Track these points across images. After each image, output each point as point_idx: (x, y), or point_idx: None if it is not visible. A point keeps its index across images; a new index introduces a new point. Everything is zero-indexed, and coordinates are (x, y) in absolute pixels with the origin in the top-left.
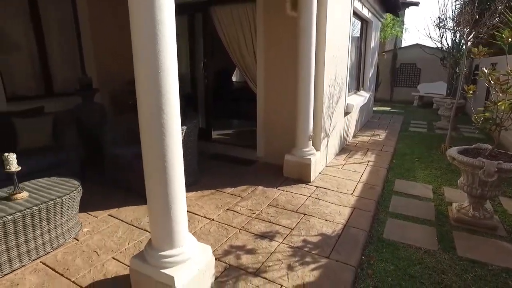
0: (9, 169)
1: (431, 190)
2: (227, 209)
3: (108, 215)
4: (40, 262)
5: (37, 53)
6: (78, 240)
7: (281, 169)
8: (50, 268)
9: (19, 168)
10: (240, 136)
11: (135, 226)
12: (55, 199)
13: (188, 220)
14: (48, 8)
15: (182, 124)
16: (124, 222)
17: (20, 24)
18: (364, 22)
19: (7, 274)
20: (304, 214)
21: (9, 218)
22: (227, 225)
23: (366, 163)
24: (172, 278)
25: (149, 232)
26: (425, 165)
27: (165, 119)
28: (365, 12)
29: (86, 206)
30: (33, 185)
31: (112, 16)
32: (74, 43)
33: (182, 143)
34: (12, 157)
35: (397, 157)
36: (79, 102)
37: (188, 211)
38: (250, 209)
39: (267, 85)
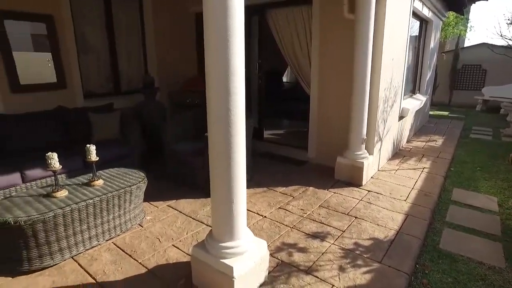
0: (90, 158)
1: (496, 203)
2: (279, 208)
3: (167, 206)
4: (112, 242)
5: (109, 55)
6: (142, 227)
7: (332, 171)
8: (120, 248)
9: (97, 159)
10: (291, 136)
11: (192, 218)
12: (125, 187)
13: None
14: (120, 15)
15: None
16: (182, 213)
17: (97, 30)
18: (424, 22)
19: (88, 249)
20: (356, 217)
21: (90, 201)
22: (279, 223)
23: (421, 169)
24: (231, 268)
25: (205, 224)
26: (489, 175)
27: (232, 119)
28: (425, 12)
29: (147, 196)
30: (106, 174)
31: (172, 23)
32: (139, 46)
33: None
34: (93, 148)
35: (456, 164)
36: (141, 99)
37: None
38: (302, 209)
39: (321, 87)
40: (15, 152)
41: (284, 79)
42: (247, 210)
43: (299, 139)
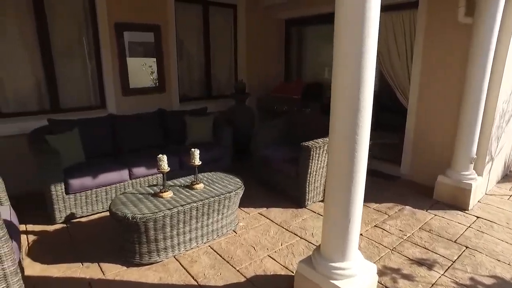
0: (194, 162)
1: None
2: (375, 226)
3: (258, 213)
4: (209, 246)
5: (203, 61)
6: (236, 233)
7: (429, 190)
8: (217, 253)
9: (200, 163)
10: (381, 148)
11: (285, 229)
12: (225, 193)
13: None
14: (216, 23)
15: None
16: (274, 222)
17: (194, 37)
18: None
19: (187, 251)
20: (466, 247)
21: (194, 205)
22: (377, 243)
23: None
24: None
25: (299, 237)
26: None
27: (358, 137)
28: None
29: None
30: (205, 177)
31: (262, 30)
32: (231, 52)
33: None
34: (197, 153)
35: None
36: (231, 104)
37: None
38: (400, 230)
39: (421, 98)
40: (124, 150)
41: None
42: None
43: (390, 153)
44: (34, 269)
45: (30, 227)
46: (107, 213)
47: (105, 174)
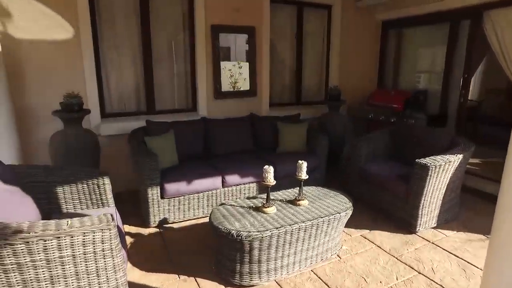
0: (300, 176)
1: None
2: None
3: (361, 235)
4: (312, 271)
5: (295, 65)
6: (340, 258)
7: None
8: (323, 281)
9: (307, 177)
10: (491, 167)
11: (397, 258)
12: (335, 214)
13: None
14: (309, 25)
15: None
16: (382, 249)
17: (287, 40)
18: None
19: (290, 275)
20: None
21: (303, 225)
22: None
23: None
24: None
25: (416, 271)
26: None
27: None
28: None
29: None
30: (308, 193)
31: (357, 33)
32: (323, 56)
33: None
34: (305, 165)
35: None
36: (322, 111)
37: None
38: None
39: None
40: (216, 155)
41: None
42: (469, 263)
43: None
44: (134, 275)
45: (127, 227)
46: (198, 221)
47: (200, 181)
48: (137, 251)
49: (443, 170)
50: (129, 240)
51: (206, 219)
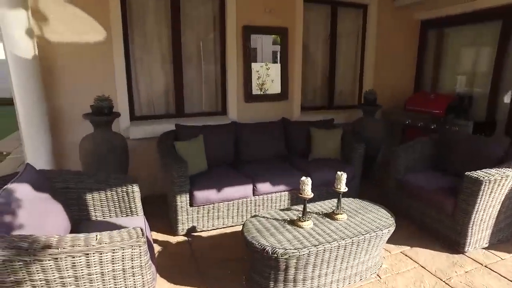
0: (339, 188)
1: None
2: None
3: (401, 252)
4: None
5: (328, 68)
6: (380, 278)
7: None
8: None
9: (346, 189)
10: None
11: (444, 282)
12: (377, 230)
13: None
14: (343, 26)
15: None
16: (426, 269)
17: (320, 42)
18: None
19: None
20: None
21: (343, 243)
22: None
23: None
24: None
25: None
26: None
27: None
28: None
29: None
30: (346, 206)
31: (393, 33)
32: (357, 59)
33: None
34: (344, 177)
35: None
36: (356, 116)
37: None
38: None
39: None
40: (245, 159)
41: None
42: None
43: None
44: (163, 287)
45: (154, 234)
46: (227, 230)
47: (230, 188)
48: (165, 261)
49: (498, 185)
50: (157, 248)
51: (235, 228)
